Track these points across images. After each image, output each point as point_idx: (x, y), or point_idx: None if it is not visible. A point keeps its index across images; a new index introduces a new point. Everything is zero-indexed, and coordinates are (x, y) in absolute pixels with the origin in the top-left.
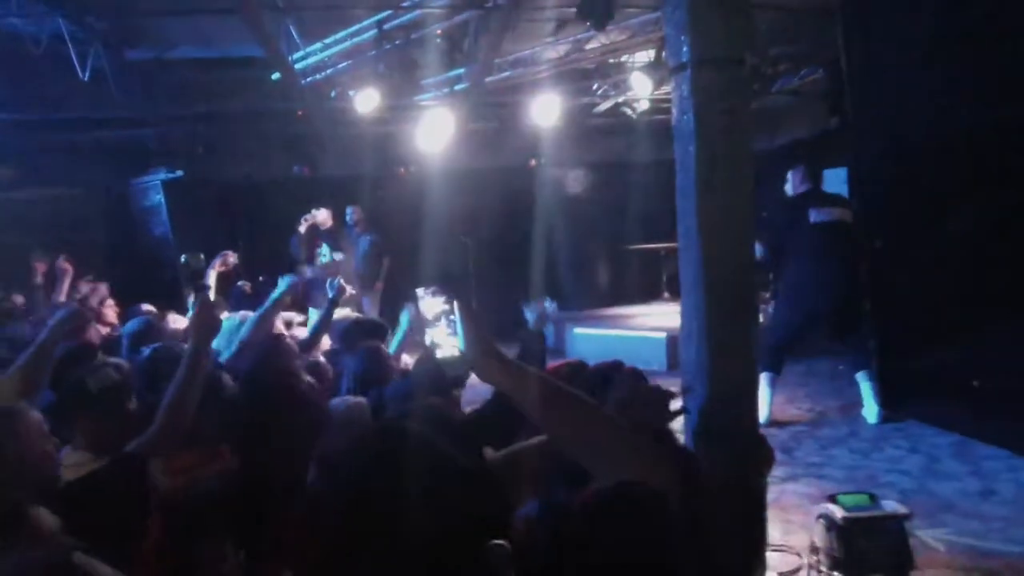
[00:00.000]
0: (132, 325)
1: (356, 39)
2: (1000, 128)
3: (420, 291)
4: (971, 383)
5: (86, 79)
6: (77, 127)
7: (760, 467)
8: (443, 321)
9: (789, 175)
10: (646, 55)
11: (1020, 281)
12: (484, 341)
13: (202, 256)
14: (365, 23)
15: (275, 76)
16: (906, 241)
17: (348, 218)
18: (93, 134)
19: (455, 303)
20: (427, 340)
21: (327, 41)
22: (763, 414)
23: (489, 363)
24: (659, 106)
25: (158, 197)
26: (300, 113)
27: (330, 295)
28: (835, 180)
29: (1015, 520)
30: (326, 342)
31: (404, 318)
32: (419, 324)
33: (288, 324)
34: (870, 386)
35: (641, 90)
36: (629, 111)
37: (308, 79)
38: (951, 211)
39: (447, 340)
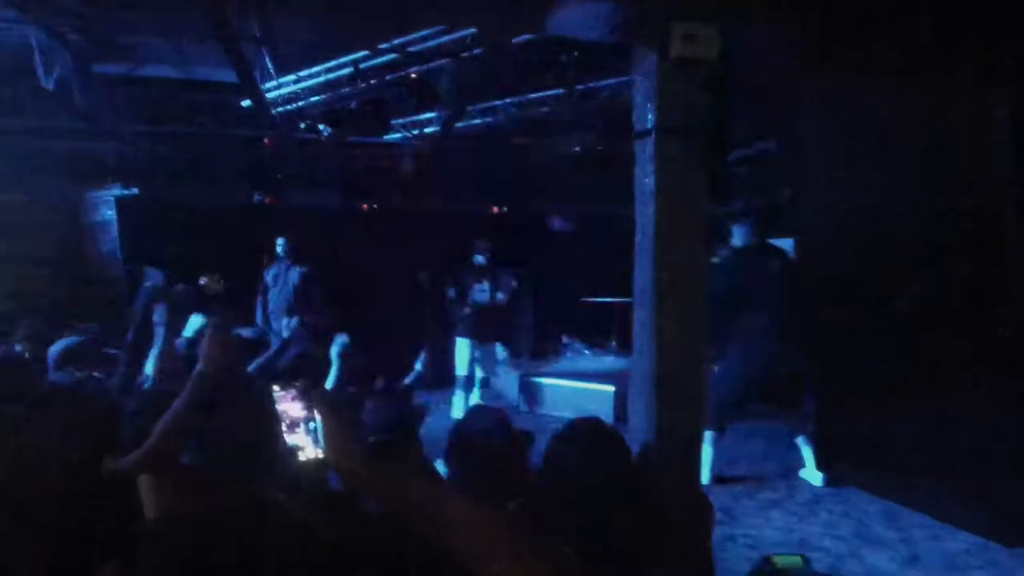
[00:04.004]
0: (60, 344)
1: (331, 75)
2: (942, 212)
3: (276, 389)
4: (902, 451)
5: (51, 88)
6: (35, 135)
7: (704, 523)
8: (302, 426)
9: (734, 229)
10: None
11: (952, 357)
12: (345, 447)
13: (221, 280)
14: (341, 60)
15: (246, 103)
16: (849, 312)
17: (279, 249)
18: (51, 144)
19: (316, 408)
20: (289, 443)
21: (301, 74)
22: (705, 474)
23: (351, 469)
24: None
25: (110, 212)
26: (267, 141)
27: (285, 334)
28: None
29: None
30: None
31: (335, 352)
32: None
33: None
34: (811, 450)
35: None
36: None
37: (279, 109)
38: (893, 287)
39: (307, 444)
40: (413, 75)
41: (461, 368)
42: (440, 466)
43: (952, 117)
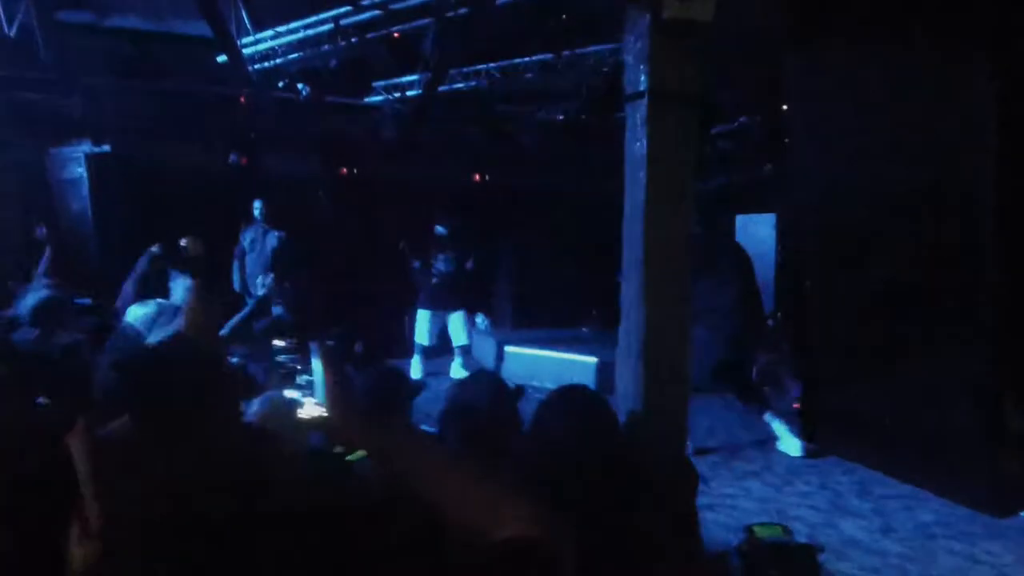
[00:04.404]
0: (32, 300)
1: (310, 31)
2: (924, 188)
3: (278, 343)
4: (880, 422)
5: (11, 36)
6: None
7: (688, 487)
8: (297, 378)
9: None
10: None
11: (930, 330)
12: (346, 401)
13: (201, 242)
14: (321, 16)
15: (221, 59)
16: (830, 284)
17: (256, 212)
18: (12, 96)
19: (323, 364)
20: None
21: (279, 29)
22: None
23: (351, 425)
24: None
25: (80, 170)
26: (242, 100)
27: (260, 292)
28: (765, 225)
29: (910, 557)
30: None
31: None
32: None
33: None
34: (780, 422)
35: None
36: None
37: (256, 66)
38: (874, 260)
39: (305, 398)
40: (395, 34)
41: (420, 337)
42: (427, 429)
43: (936, 86)
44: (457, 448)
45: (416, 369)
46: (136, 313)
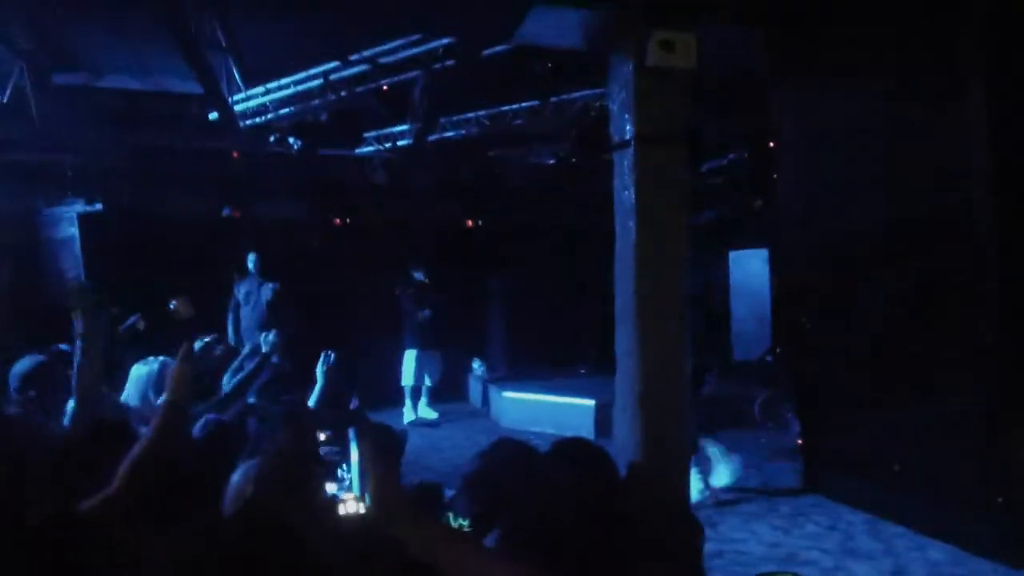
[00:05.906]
0: (22, 365)
1: (300, 87)
2: (918, 219)
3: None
4: (886, 463)
5: (5, 100)
6: None
7: (692, 540)
8: (337, 470)
9: None
10: None
11: (931, 364)
12: (392, 495)
13: (191, 303)
14: (311, 72)
15: (212, 115)
16: (827, 320)
17: (251, 265)
18: (6, 157)
19: (354, 445)
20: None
21: (270, 86)
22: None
23: (400, 523)
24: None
25: (72, 230)
26: (235, 155)
27: (264, 349)
28: (757, 259)
29: None
30: None
31: (320, 368)
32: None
33: None
34: (716, 447)
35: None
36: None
37: (247, 121)
38: (871, 295)
39: (345, 492)
40: (384, 87)
41: (408, 378)
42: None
43: (926, 115)
44: (478, 519)
45: (408, 415)
46: (139, 371)
